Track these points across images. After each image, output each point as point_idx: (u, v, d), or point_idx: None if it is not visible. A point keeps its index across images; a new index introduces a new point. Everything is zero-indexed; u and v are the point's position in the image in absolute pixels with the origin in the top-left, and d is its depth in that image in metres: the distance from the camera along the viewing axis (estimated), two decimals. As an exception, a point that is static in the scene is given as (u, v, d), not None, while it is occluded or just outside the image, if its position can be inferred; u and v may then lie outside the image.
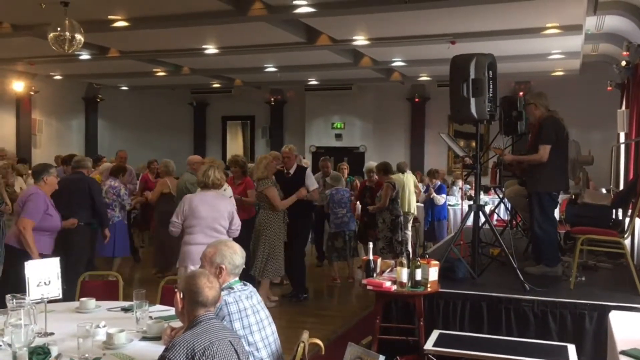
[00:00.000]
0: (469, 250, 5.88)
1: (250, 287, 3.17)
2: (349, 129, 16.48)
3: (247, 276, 5.41)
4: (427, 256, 4.85)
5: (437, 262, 4.73)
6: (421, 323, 4.59)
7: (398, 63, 12.16)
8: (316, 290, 8.06)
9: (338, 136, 16.55)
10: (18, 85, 14.13)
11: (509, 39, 9.37)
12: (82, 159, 6.79)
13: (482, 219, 5.55)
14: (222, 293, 2.90)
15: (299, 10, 7.82)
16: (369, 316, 5.78)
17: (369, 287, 4.69)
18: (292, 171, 7.13)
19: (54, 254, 4.87)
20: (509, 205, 8.03)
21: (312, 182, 7.15)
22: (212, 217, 5.16)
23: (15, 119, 14.41)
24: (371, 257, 4.91)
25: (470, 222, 5.84)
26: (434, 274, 4.62)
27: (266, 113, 17.86)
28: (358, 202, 8.82)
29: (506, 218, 8.67)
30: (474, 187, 6.17)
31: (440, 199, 10.02)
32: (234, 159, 7.23)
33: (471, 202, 5.63)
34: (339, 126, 16.56)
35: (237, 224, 5.30)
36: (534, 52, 10.68)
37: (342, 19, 8.31)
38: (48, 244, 5.10)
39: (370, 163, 9.05)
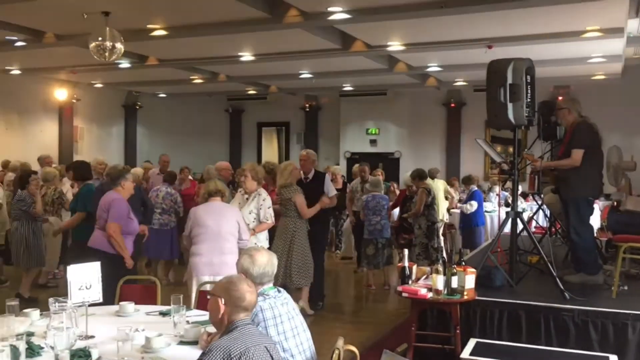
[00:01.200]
0: (506, 258, 5.79)
1: (284, 294, 3.18)
2: (383, 134, 16.42)
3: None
4: (463, 263, 4.79)
5: (473, 270, 4.67)
6: (457, 331, 4.53)
7: (434, 68, 12.07)
8: (351, 296, 8.05)
9: (373, 142, 16.50)
10: (61, 94, 14.53)
11: (548, 43, 9.20)
12: (115, 167, 6.93)
13: (520, 226, 5.46)
14: (258, 299, 2.92)
15: (334, 17, 7.84)
16: (405, 323, 5.74)
17: (404, 294, 4.67)
18: (310, 176, 7.02)
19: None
20: (547, 212, 7.88)
21: (330, 188, 7.03)
22: (219, 225, 5.14)
23: (58, 126, 14.82)
24: (406, 264, 4.88)
25: (508, 229, 5.75)
26: (470, 281, 4.56)
27: (301, 119, 17.95)
28: (396, 210, 8.78)
29: (545, 225, 8.51)
30: (511, 194, 6.07)
31: (468, 208, 9.78)
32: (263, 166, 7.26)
33: (508, 209, 5.55)
34: (373, 132, 16.52)
35: (245, 233, 5.27)
36: (574, 55, 10.46)
37: (377, 24, 8.29)
38: (129, 246, 5.26)
39: (407, 174, 9.04)
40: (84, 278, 3.47)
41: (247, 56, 10.81)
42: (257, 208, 5.94)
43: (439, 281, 4.51)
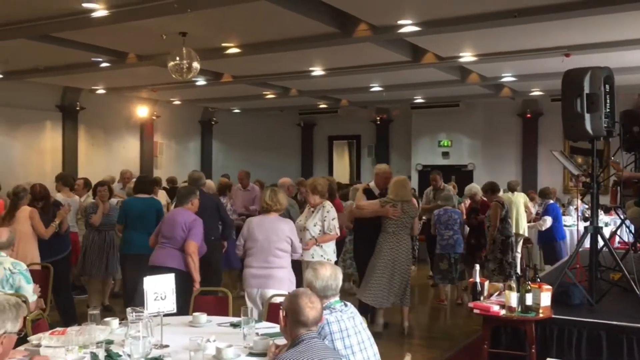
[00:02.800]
0: (586, 275, 5.53)
1: (351, 308, 3.18)
2: (456, 146, 16.13)
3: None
4: (538, 280, 4.62)
5: (549, 287, 4.50)
6: (533, 350, 4.38)
7: (508, 78, 11.77)
8: (422, 312, 7.92)
9: (445, 154, 16.25)
10: (142, 111, 15.25)
11: (629, 50, 8.77)
12: (200, 177, 7.18)
13: (601, 241, 5.21)
14: (324, 313, 2.94)
15: (404, 30, 7.82)
16: (477, 341, 5.58)
17: (475, 311, 4.56)
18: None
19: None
20: (632, 227, 7.47)
21: None
22: (269, 241, 5.14)
23: (140, 142, 15.54)
24: (478, 279, 4.77)
25: (587, 244, 5.50)
26: (546, 299, 4.40)
27: (372, 132, 17.94)
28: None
29: (630, 240, 8.06)
30: (590, 208, 5.81)
31: (541, 224, 9.37)
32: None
33: (587, 224, 5.31)
34: (446, 144, 16.27)
35: (297, 246, 5.28)
36: (659, 62, 9.92)
37: (448, 36, 8.20)
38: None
39: (472, 186, 8.84)
40: (159, 289, 3.61)
41: (317, 71, 10.95)
42: (321, 220, 5.95)
43: (513, 298, 4.38)
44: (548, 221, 9.32)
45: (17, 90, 12.31)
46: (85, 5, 6.87)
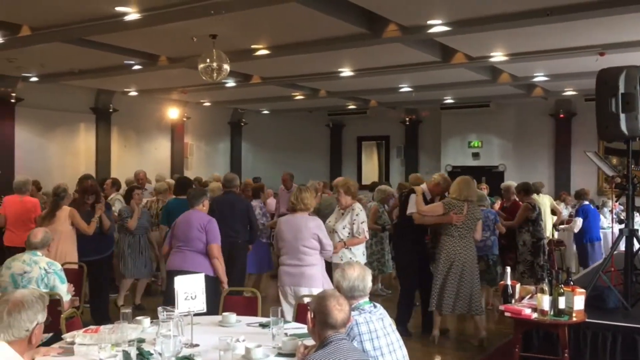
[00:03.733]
0: (621, 279, 5.40)
1: (381, 309, 3.17)
2: (486, 147, 15.94)
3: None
4: (571, 283, 4.54)
5: (582, 290, 4.42)
6: (566, 355, 4.31)
7: (540, 78, 11.58)
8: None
9: (475, 155, 16.07)
10: (173, 113, 15.46)
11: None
12: (234, 178, 7.23)
13: (637, 244, 5.09)
14: (353, 313, 2.93)
15: (433, 30, 7.76)
16: (508, 344, 5.51)
17: (506, 314, 4.49)
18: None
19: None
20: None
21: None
22: (295, 239, 5.19)
23: (170, 143, 15.76)
24: (509, 282, 4.70)
25: (622, 247, 5.38)
26: (579, 302, 4.32)
27: (401, 133, 17.85)
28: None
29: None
30: (625, 209, 5.69)
31: (573, 226, 9.16)
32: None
33: (622, 226, 5.20)
34: (476, 145, 16.09)
35: (326, 244, 5.26)
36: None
37: (479, 35, 8.11)
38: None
39: (509, 182, 8.67)
40: (190, 289, 3.65)
41: (347, 72, 10.94)
42: (350, 223, 5.91)
43: (545, 301, 4.31)
44: (578, 222, 9.14)
45: (52, 93, 12.61)
46: (118, 9, 6.99)
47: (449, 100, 15.11)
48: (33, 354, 3.07)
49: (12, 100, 11.93)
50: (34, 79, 11.72)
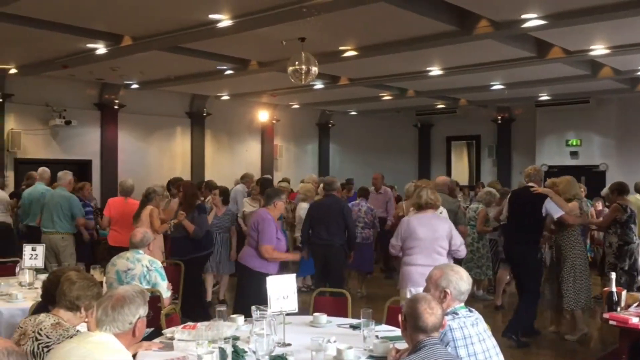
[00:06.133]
0: None
1: (476, 314, 3.07)
2: (586, 145, 15.13)
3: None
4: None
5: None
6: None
7: (646, 71, 10.86)
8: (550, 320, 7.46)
9: (573, 154, 15.30)
10: (263, 115, 15.84)
11: None
12: (333, 181, 7.27)
13: None
14: (447, 318, 2.86)
15: (528, 24, 7.45)
16: (613, 354, 5.18)
17: (611, 322, 4.23)
18: None
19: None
20: None
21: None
22: (431, 239, 5.08)
23: (260, 145, 16.15)
24: (614, 288, 4.42)
25: None
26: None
27: (492, 132, 17.32)
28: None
29: None
30: None
31: None
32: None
33: None
34: (574, 143, 15.31)
35: (459, 242, 5.13)
36: None
37: (578, 28, 7.70)
38: (273, 265, 5.35)
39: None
40: (282, 289, 3.70)
41: (435, 70, 10.75)
42: None
43: (655, 310, 4.01)
44: None
45: (151, 98, 13.29)
46: (211, 16, 7.25)
47: (544, 97, 14.48)
48: (137, 347, 3.23)
49: (115, 107, 12.69)
50: (135, 86, 12.41)
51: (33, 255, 5.39)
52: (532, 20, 7.31)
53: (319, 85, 12.07)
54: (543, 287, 6.51)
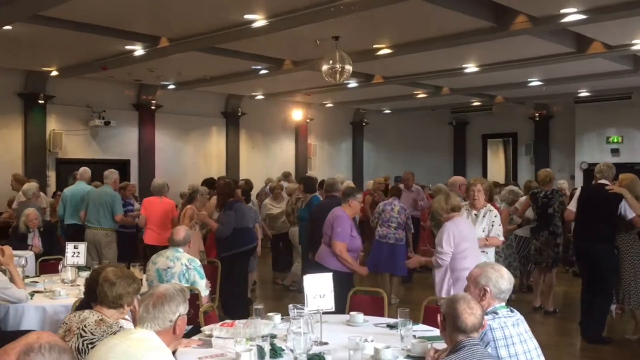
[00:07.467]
0: None
1: (517, 314, 3.02)
2: (628, 143, 14.74)
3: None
4: None
5: None
6: None
7: (692, 65, 10.52)
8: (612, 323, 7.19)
9: (614, 151, 14.92)
10: (297, 114, 15.89)
11: None
12: (334, 182, 7.16)
13: None
14: (487, 318, 2.82)
15: (567, 19, 7.30)
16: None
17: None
18: None
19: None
20: None
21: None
22: (475, 240, 5.11)
23: (295, 144, 16.21)
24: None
25: None
26: None
27: (530, 129, 17.01)
28: None
29: None
30: None
31: None
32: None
33: None
34: (615, 140, 14.93)
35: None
36: None
37: (620, 22, 7.50)
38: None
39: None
40: (319, 288, 3.71)
41: (471, 67, 10.62)
42: (489, 225, 5.62)
43: None
44: None
45: (187, 99, 13.48)
46: (246, 16, 7.30)
47: (584, 93, 14.16)
48: (176, 344, 3.28)
49: (153, 107, 12.91)
50: (172, 86, 12.60)
51: (75, 253, 5.53)
52: (572, 14, 7.15)
53: (352, 83, 12.04)
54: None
